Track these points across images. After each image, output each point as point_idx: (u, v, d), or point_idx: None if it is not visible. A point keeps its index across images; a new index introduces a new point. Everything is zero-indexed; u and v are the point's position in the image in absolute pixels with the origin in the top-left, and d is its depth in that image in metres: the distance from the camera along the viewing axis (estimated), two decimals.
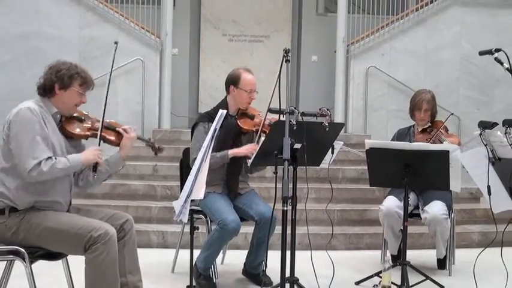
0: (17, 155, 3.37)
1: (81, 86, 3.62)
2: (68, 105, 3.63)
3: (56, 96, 3.58)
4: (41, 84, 3.60)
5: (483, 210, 7.16)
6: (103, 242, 3.33)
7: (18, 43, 8.33)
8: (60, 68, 3.57)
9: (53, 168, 3.37)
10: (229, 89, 4.89)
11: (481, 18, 9.26)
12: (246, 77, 4.85)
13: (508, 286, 4.01)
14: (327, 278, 4.44)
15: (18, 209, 3.45)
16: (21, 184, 3.44)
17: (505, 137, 3.71)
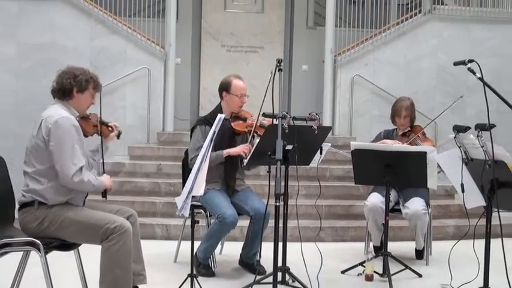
0: (59, 161, 3.40)
1: (94, 89, 3.67)
2: (84, 107, 3.68)
3: (74, 98, 3.61)
4: (58, 89, 3.61)
5: (457, 206, 7.19)
6: (119, 233, 3.35)
7: (36, 53, 8.32)
8: (77, 74, 3.60)
9: (89, 183, 3.48)
10: (222, 95, 4.93)
11: (456, 32, 9.26)
12: (236, 83, 4.88)
13: (479, 274, 4.01)
14: (316, 267, 4.43)
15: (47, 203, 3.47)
16: (54, 185, 3.47)
17: (477, 139, 3.72)
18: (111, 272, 3.34)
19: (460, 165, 3.95)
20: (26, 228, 3.48)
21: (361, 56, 9.20)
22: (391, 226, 5.09)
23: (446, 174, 4.24)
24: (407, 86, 8.98)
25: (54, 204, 3.47)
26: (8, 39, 8.41)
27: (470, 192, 3.95)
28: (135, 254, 3.68)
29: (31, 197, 3.47)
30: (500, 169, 3.67)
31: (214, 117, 4.10)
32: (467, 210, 4.03)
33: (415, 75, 9.19)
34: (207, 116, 5.00)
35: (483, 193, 3.90)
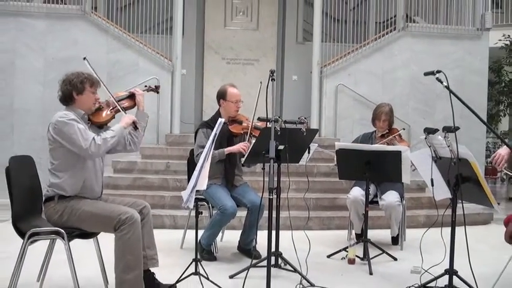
0: (73, 145, 3.39)
1: (92, 87, 3.63)
2: (88, 104, 3.64)
3: (76, 101, 3.59)
4: (61, 96, 3.62)
5: (427, 198, 7.20)
6: (129, 224, 3.35)
7: (61, 65, 8.30)
8: (71, 78, 3.59)
9: (105, 140, 3.44)
10: (220, 102, 4.95)
11: (426, 46, 9.29)
12: (231, 91, 4.90)
13: (446, 257, 4.03)
14: (305, 252, 4.43)
15: (65, 195, 3.47)
16: (69, 174, 3.48)
17: (444, 140, 3.74)
18: (124, 257, 3.34)
19: (430, 162, 3.97)
20: (50, 219, 3.50)
21: (344, 68, 9.23)
22: (370, 216, 5.10)
23: (418, 171, 4.27)
24: (385, 93, 9.01)
25: (72, 195, 3.48)
26: (37, 53, 8.47)
27: (438, 186, 3.97)
28: (149, 241, 3.69)
29: (52, 191, 3.49)
30: (464, 166, 3.69)
31: (214, 121, 4.16)
32: (436, 202, 4.06)
33: (391, 84, 9.22)
34: (208, 120, 5.03)
35: (449, 187, 3.92)
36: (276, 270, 4.39)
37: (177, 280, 3.90)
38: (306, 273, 4.26)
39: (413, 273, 4.47)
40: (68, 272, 3.41)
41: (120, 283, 3.35)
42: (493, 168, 12.14)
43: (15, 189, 3.48)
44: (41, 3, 8.66)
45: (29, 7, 8.52)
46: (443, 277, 3.98)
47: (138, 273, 3.38)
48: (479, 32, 9.47)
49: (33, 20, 8.48)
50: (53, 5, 8.67)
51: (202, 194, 4.66)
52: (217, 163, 4.78)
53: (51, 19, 8.53)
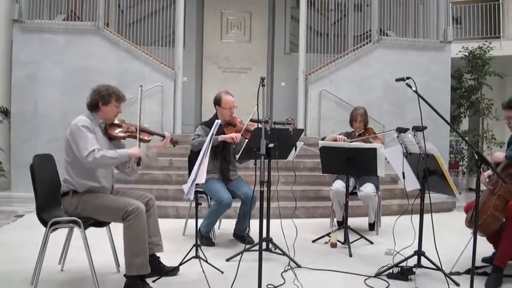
0: (76, 148, 3.37)
1: (117, 101, 3.62)
2: (110, 116, 3.62)
3: (100, 110, 3.58)
4: (88, 103, 3.59)
5: (399, 189, 7.23)
6: (135, 214, 3.33)
7: (77, 74, 8.32)
8: (101, 90, 3.57)
9: (103, 157, 3.36)
10: (216, 107, 4.93)
11: (397, 57, 9.30)
12: (225, 98, 4.88)
13: (415, 241, 4.05)
14: (292, 238, 4.44)
15: (78, 191, 3.47)
16: (80, 173, 3.46)
17: (414, 138, 3.75)
18: (131, 245, 3.33)
19: (402, 157, 3.98)
20: (67, 211, 3.50)
21: (326, 75, 9.23)
22: (350, 205, 5.10)
23: (391, 165, 4.28)
24: (362, 97, 9.01)
25: (82, 190, 3.47)
26: (57, 64, 8.46)
27: (409, 178, 3.98)
28: (154, 229, 3.68)
29: (67, 187, 3.49)
30: (431, 161, 3.70)
31: (212, 122, 4.16)
32: (407, 192, 4.07)
33: (367, 90, 9.22)
34: (207, 120, 5.04)
35: (418, 179, 3.93)
36: (267, 254, 4.40)
37: (180, 263, 3.90)
38: (294, 256, 4.26)
39: (387, 254, 4.48)
40: (84, 256, 3.41)
41: (129, 266, 3.34)
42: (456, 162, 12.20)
43: (39, 183, 3.50)
44: (61, 20, 8.67)
45: (50, 24, 8.52)
46: (413, 257, 4.00)
47: (144, 257, 3.37)
48: (442, 44, 9.50)
49: (54, 35, 8.47)
50: (71, 22, 8.70)
51: (201, 187, 4.66)
52: (214, 160, 4.76)
53: (70, 34, 8.51)
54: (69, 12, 8.96)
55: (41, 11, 8.66)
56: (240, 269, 3.40)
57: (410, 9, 9.97)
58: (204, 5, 10.29)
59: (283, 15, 10.63)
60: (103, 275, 3.72)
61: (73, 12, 9.03)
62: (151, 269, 3.44)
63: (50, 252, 3.61)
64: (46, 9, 8.78)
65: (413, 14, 9.99)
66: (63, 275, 3.80)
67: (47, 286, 3.52)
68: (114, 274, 3.83)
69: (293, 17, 10.52)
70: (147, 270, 3.38)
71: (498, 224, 3.75)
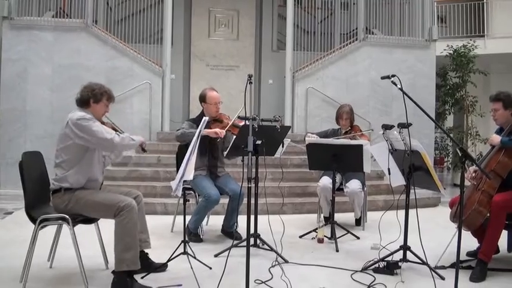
0: (99, 141, 3.39)
1: (108, 101, 3.61)
2: (99, 114, 3.61)
3: (91, 107, 3.56)
4: (79, 99, 3.57)
5: (385, 185, 7.27)
6: (127, 210, 3.32)
7: (66, 71, 8.26)
8: (94, 87, 3.56)
9: (127, 138, 3.50)
10: (201, 104, 4.92)
11: (383, 55, 9.35)
12: (210, 94, 4.87)
13: (400, 235, 4.08)
14: (280, 234, 4.46)
15: (71, 188, 3.44)
16: (75, 170, 3.44)
17: (399, 135, 3.78)
18: (123, 239, 3.32)
19: (387, 154, 4.01)
20: (57, 208, 3.48)
21: (313, 73, 9.24)
22: (336, 201, 5.13)
23: (377, 161, 4.30)
24: (348, 95, 9.04)
25: (76, 187, 3.45)
26: (46, 61, 8.38)
27: (394, 174, 4.01)
28: (142, 226, 3.66)
29: (59, 185, 3.45)
30: (416, 157, 3.73)
31: (199, 119, 4.19)
32: (392, 188, 4.10)
33: (353, 87, 9.26)
34: (194, 118, 5.04)
35: (404, 175, 3.96)
36: (254, 250, 4.40)
37: (168, 259, 3.88)
38: (281, 252, 4.27)
39: (373, 249, 4.51)
40: (73, 253, 3.40)
41: (119, 261, 3.32)
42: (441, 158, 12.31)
43: (27, 181, 3.48)
44: (50, 17, 8.60)
45: (40, 21, 8.45)
46: (398, 252, 4.03)
47: (135, 253, 3.35)
48: (427, 42, 9.56)
49: (43, 32, 8.39)
50: (59, 19, 8.61)
51: (189, 183, 4.64)
52: (202, 157, 4.75)
53: (58, 31, 8.44)
54: (58, 9, 8.90)
55: (30, 8, 8.58)
56: (228, 264, 3.40)
57: (396, 8, 10.02)
58: (192, 2, 10.24)
59: (270, 13, 10.62)
60: (92, 271, 3.70)
61: (62, 9, 8.96)
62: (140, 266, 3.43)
63: (39, 249, 3.59)
64: (35, 6, 8.72)
65: (399, 13, 10.04)
66: (52, 272, 3.78)
67: (36, 283, 3.49)
68: (103, 271, 3.81)
69: (280, 15, 10.52)
70: (137, 266, 3.37)
71: (482, 218, 3.80)
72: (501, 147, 3.87)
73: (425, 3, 9.64)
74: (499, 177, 3.84)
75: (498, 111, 4.00)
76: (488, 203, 3.77)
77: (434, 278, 3.53)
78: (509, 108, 3.96)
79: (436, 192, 4.14)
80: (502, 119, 4.00)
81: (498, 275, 3.84)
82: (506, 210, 3.77)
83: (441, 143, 12.17)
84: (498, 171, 3.83)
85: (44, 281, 3.56)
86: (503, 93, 4.02)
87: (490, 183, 3.80)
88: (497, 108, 4.00)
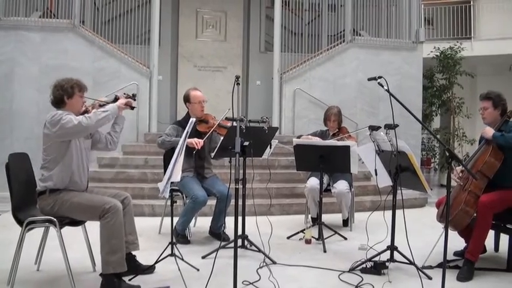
0: (69, 131, 3.35)
1: (80, 91, 3.58)
2: (77, 107, 3.59)
3: (67, 104, 3.53)
4: (53, 100, 3.56)
5: (372, 186, 7.32)
6: (113, 212, 3.31)
7: (53, 72, 8.14)
8: (62, 84, 3.55)
9: (95, 114, 3.43)
10: (186, 105, 4.92)
11: (370, 56, 9.41)
12: (193, 94, 4.89)
13: (388, 236, 4.11)
14: (267, 235, 4.47)
15: (56, 188, 3.42)
16: (59, 169, 3.42)
17: (386, 136, 3.80)
18: (109, 242, 3.30)
19: (374, 155, 4.04)
20: (43, 211, 3.45)
21: (301, 74, 9.26)
22: (324, 202, 5.15)
23: (364, 162, 4.33)
24: (335, 96, 9.08)
25: (61, 188, 3.42)
26: (33, 62, 8.31)
27: (381, 175, 4.04)
28: (130, 228, 3.65)
29: (44, 186, 3.43)
30: (402, 158, 3.76)
31: (185, 120, 4.26)
32: (379, 189, 4.12)
33: (341, 89, 9.30)
34: (180, 120, 5.05)
35: (390, 175, 3.99)
36: (242, 251, 4.41)
37: (156, 261, 3.87)
38: (269, 253, 4.27)
39: (360, 249, 4.53)
40: (60, 255, 3.38)
41: (106, 264, 3.30)
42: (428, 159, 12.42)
43: (14, 183, 3.46)
44: (37, 18, 8.53)
45: (27, 21, 8.37)
46: (385, 252, 4.06)
47: (121, 255, 3.34)
48: (414, 44, 9.64)
49: (30, 33, 8.31)
50: (47, 19, 8.53)
51: (176, 185, 4.64)
52: (189, 158, 4.74)
53: (45, 32, 8.37)
54: (45, 10, 8.82)
55: (17, 8, 8.50)
56: (215, 266, 3.40)
57: (383, 10, 10.08)
58: (180, 3, 10.22)
59: (258, 14, 10.63)
60: (79, 274, 3.68)
61: (49, 10, 8.89)
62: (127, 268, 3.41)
63: (26, 252, 3.57)
64: (22, 6, 8.63)
65: (386, 15, 10.11)
66: (40, 275, 3.75)
67: (24, 286, 3.46)
68: (90, 273, 3.79)
69: (268, 17, 10.53)
70: (124, 268, 3.35)
71: (469, 218, 3.84)
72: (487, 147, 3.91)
73: (412, 5, 9.73)
74: (485, 178, 3.89)
75: (487, 110, 4.05)
76: (475, 203, 3.81)
77: (421, 277, 3.57)
78: (498, 107, 4.02)
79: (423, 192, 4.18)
80: (490, 118, 4.05)
81: (485, 275, 3.89)
82: (493, 211, 3.81)
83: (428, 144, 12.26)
84: (485, 171, 3.87)
85: (31, 284, 3.53)
86: (494, 92, 4.08)
87: (477, 183, 3.84)
88: (487, 107, 4.05)
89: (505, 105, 4.05)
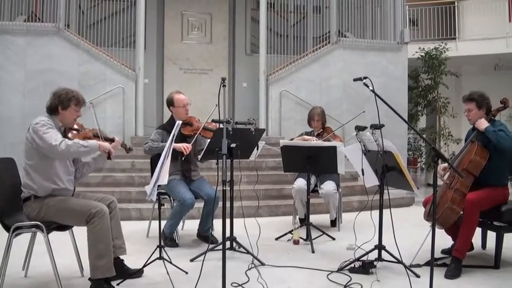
0: (45, 146, 3.28)
1: (77, 106, 3.55)
2: (69, 120, 3.56)
3: (60, 114, 3.51)
4: (48, 106, 3.52)
5: (359, 186, 7.36)
6: (99, 216, 3.29)
7: (39, 76, 8.13)
8: (60, 94, 3.51)
9: (75, 144, 3.32)
10: (170, 108, 4.91)
11: (355, 57, 9.48)
12: (177, 97, 4.87)
13: (375, 235, 4.13)
14: (256, 236, 4.46)
15: (39, 196, 3.39)
16: (43, 175, 3.39)
17: (371, 136, 3.83)
18: (96, 246, 3.29)
19: (361, 155, 4.06)
20: (29, 216, 3.42)
21: (287, 76, 9.30)
22: (311, 203, 5.17)
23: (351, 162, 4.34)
24: (322, 98, 9.14)
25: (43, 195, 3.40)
26: (18, 66, 8.24)
27: (368, 175, 4.06)
28: (117, 232, 3.63)
29: (28, 192, 3.41)
30: (389, 157, 3.78)
31: (169, 124, 4.36)
32: (366, 189, 4.15)
33: (327, 90, 9.35)
34: (164, 123, 5.04)
35: (377, 175, 4.02)
36: (230, 253, 4.40)
37: (144, 265, 3.85)
38: (257, 254, 4.26)
39: (349, 249, 4.55)
40: (48, 261, 3.34)
41: (94, 269, 3.29)
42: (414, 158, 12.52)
43: (0, 188, 3.42)
44: (22, 21, 8.46)
45: (11, 25, 8.31)
46: (373, 251, 4.09)
47: (109, 259, 3.33)
48: (399, 45, 9.74)
49: (15, 37, 8.25)
50: (31, 23, 8.47)
51: (163, 188, 4.62)
52: (175, 161, 4.72)
53: (31, 35, 8.31)
54: (30, 13, 8.75)
55: (2, 12, 8.45)
56: (204, 268, 3.39)
57: (367, 11, 10.17)
58: (165, 6, 10.20)
59: (243, 16, 10.65)
60: (67, 279, 3.66)
61: (34, 13, 8.82)
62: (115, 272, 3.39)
63: (14, 258, 3.53)
64: (7, 10, 8.56)
65: (370, 16, 10.19)
66: (28, 281, 3.71)
67: None
68: (79, 278, 3.75)
69: (253, 19, 10.56)
70: (112, 272, 3.34)
71: (456, 216, 3.87)
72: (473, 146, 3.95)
73: (396, 6, 9.82)
74: (471, 176, 3.93)
75: (472, 111, 4.09)
76: (461, 201, 3.85)
77: (409, 276, 3.58)
78: (483, 107, 4.06)
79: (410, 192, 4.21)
80: (475, 118, 4.07)
81: (473, 272, 3.93)
82: (480, 208, 3.86)
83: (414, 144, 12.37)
84: (470, 169, 3.91)
85: None
86: (476, 93, 4.11)
87: (463, 181, 3.88)
88: (471, 108, 4.09)
89: (489, 104, 4.09)
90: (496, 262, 4.05)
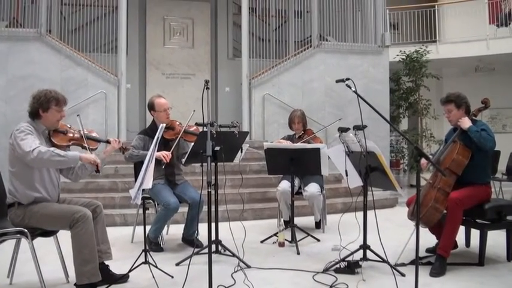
0: (19, 149, 3.23)
1: (57, 105, 3.50)
2: (52, 122, 3.52)
3: (42, 117, 3.47)
4: (30, 111, 3.49)
5: (343, 188, 7.40)
6: (83, 221, 3.27)
7: (20, 82, 8.04)
8: (39, 96, 3.46)
9: (50, 152, 3.23)
10: (151, 113, 4.88)
11: (337, 60, 9.55)
12: (158, 101, 4.84)
13: (360, 236, 4.16)
14: (241, 239, 4.47)
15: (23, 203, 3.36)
16: (25, 184, 3.36)
17: (354, 137, 3.86)
18: (81, 252, 3.26)
19: (344, 156, 4.09)
20: (13, 222, 3.38)
21: (269, 80, 9.34)
22: (296, 205, 5.19)
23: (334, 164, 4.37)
24: (304, 101, 9.19)
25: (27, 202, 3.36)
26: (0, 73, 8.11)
27: (352, 176, 4.09)
28: (102, 237, 3.60)
29: (12, 198, 3.38)
30: (372, 158, 3.82)
31: (151, 128, 4.40)
32: (350, 190, 4.18)
33: (309, 93, 9.40)
34: (146, 128, 5.03)
35: (361, 176, 4.05)
36: (216, 256, 4.39)
37: (129, 270, 3.82)
38: (243, 257, 4.26)
39: (334, 250, 4.56)
40: (33, 267, 3.31)
41: (79, 274, 3.27)
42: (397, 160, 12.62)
43: None
44: (3, 27, 8.36)
45: None
46: (358, 251, 4.11)
47: (94, 265, 3.31)
48: (380, 48, 9.84)
49: None
50: (13, 29, 8.40)
51: (148, 192, 4.60)
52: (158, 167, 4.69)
53: (12, 41, 8.22)
54: (11, 19, 8.65)
55: None
56: (190, 272, 3.39)
57: (348, 15, 10.25)
58: (147, 11, 10.18)
59: (225, 21, 10.68)
60: (53, 285, 3.61)
61: (15, 19, 8.72)
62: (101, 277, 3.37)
63: None
64: None
65: (351, 20, 10.28)
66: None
67: None
68: (64, 284, 3.70)
69: (235, 23, 10.59)
70: (98, 277, 3.32)
71: (439, 215, 3.92)
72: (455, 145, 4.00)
73: (377, 10, 9.92)
74: (454, 175, 3.98)
75: (452, 112, 4.14)
76: (444, 200, 3.90)
77: (395, 275, 3.62)
78: (462, 107, 4.12)
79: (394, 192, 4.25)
80: (456, 118, 4.13)
81: (457, 269, 3.97)
82: (463, 207, 3.90)
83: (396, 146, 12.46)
84: (453, 168, 3.96)
85: None
86: (453, 94, 4.17)
87: (446, 180, 3.93)
88: (451, 109, 4.14)
89: (468, 103, 4.15)
90: (481, 259, 4.10)
